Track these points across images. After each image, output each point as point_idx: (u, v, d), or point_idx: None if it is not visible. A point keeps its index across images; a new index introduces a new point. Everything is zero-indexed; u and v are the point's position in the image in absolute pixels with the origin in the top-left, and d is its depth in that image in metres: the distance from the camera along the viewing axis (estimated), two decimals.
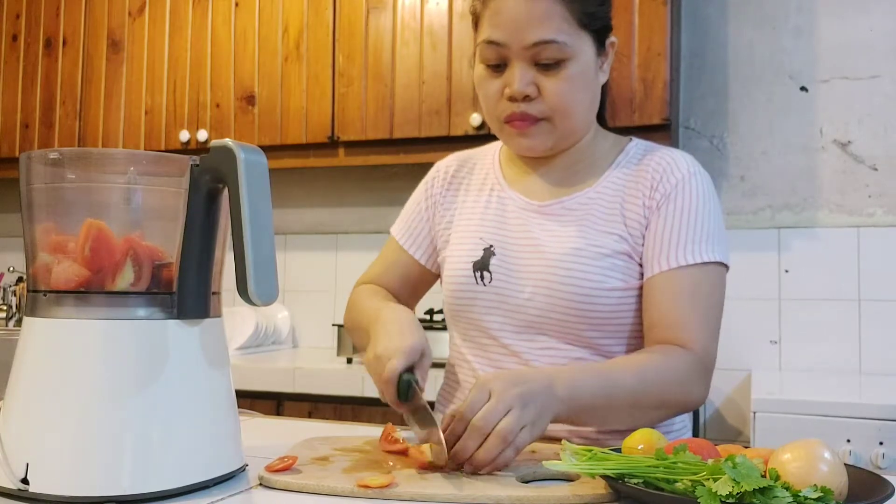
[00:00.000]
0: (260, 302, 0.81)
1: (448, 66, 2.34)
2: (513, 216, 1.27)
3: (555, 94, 1.17)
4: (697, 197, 1.20)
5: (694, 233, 1.18)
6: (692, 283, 1.16)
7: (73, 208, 0.86)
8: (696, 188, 1.21)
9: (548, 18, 1.14)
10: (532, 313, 1.20)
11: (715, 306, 1.18)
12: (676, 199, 1.19)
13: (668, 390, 1.11)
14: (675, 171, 1.21)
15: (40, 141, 2.81)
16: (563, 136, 1.23)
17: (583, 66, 1.18)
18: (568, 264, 1.18)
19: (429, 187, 1.39)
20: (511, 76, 1.17)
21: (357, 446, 1.04)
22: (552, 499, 0.82)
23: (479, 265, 1.25)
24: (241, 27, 2.58)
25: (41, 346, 0.82)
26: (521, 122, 1.19)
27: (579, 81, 1.19)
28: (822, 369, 2.33)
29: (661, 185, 1.20)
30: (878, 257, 2.31)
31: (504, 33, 1.16)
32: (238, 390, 0.93)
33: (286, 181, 2.85)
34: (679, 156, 1.25)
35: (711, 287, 1.18)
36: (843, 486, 0.74)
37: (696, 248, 1.17)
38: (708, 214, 1.20)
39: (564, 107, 1.19)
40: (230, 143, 0.82)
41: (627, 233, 1.20)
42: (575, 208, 1.23)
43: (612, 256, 1.18)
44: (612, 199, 1.22)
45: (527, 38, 1.15)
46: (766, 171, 2.43)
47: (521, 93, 1.17)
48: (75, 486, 0.77)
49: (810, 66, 2.40)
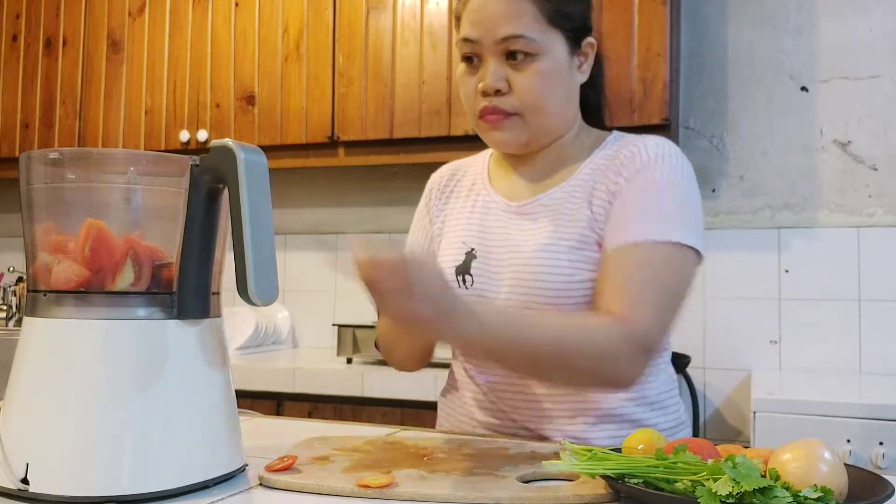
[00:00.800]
0: (260, 302, 0.82)
1: (448, 66, 2.34)
2: (493, 219, 1.28)
3: (524, 88, 1.19)
4: (663, 178, 1.18)
5: (654, 212, 1.16)
6: (646, 259, 1.13)
7: (73, 208, 0.86)
8: (663, 168, 1.19)
9: (518, 15, 1.18)
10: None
11: (669, 287, 1.13)
12: (640, 179, 1.18)
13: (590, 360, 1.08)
14: (642, 151, 1.20)
15: (40, 141, 2.81)
16: (537, 133, 1.24)
17: (553, 64, 1.20)
18: (539, 260, 1.19)
19: (427, 200, 1.42)
20: (484, 71, 1.21)
21: (357, 446, 1.04)
22: (552, 499, 0.82)
23: (462, 269, 1.26)
24: (241, 27, 2.58)
25: (41, 346, 0.82)
26: (492, 116, 1.21)
27: (550, 78, 1.20)
28: (822, 369, 2.33)
29: (628, 166, 1.20)
30: (878, 257, 2.31)
31: (477, 30, 1.19)
32: (238, 390, 0.93)
33: (286, 181, 2.85)
34: (652, 139, 1.23)
35: (666, 267, 1.13)
36: (843, 486, 0.74)
37: (652, 227, 1.14)
38: (673, 195, 1.18)
39: (534, 102, 1.20)
40: (230, 143, 0.82)
41: (593, 218, 1.19)
42: (549, 204, 1.24)
43: (582, 248, 1.18)
44: (583, 188, 1.23)
45: (497, 33, 1.18)
46: (765, 171, 2.43)
47: (491, 87, 1.19)
48: (75, 486, 0.77)
49: (810, 66, 2.40)
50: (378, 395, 2.11)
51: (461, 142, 2.28)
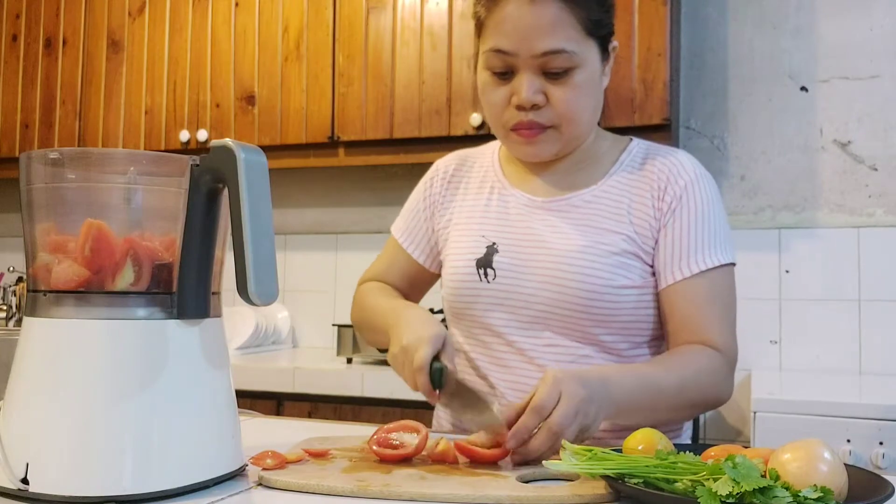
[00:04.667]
0: (260, 302, 0.81)
1: (448, 66, 2.34)
2: (515, 213, 1.27)
3: (563, 101, 1.17)
4: (706, 200, 1.22)
5: (707, 237, 1.20)
6: (710, 286, 1.19)
7: (73, 208, 0.86)
8: (704, 191, 1.23)
9: (556, 27, 1.14)
10: (538, 309, 1.20)
11: (731, 305, 1.22)
12: (687, 203, 1.21)
13: (703, 390, 1.15)
14: (682, 173, 1.23)
15: (40, 141, 2.81)
16: (569, 142, 1.24)
17: (589, 73, 1.19)
18: (576, 261, 1.19)
19: (428, 187, 1.40)
20: (519, 85, 1.17)
21: (357, 446, 1.04)
22: (552, 499, 0.82)
23: (483, 262, 1.25)
24: (241, 27, 2.58)
25: (41, 346, 0.82)
26: (528, 132, 1.20)
27: (586, 88, 1.19)
28: (822, 369, 2.33)
29: (670, 188, 1.22)
30: (878, 257, 2.31)
31: (512, 42, 1.15)
32: (238, 390, 0.93)
33: (286, 181, 2.85)
34: (684, 157, 1.26)
35: (727, 288, 1.22)
36: (843, 486, 0.74)
37: (710, 253, 1.20)
38: (716, 217, 1.22)
39: (572, 114, 1.19)
40: (230, 143, 0.82)
41: (635, 232, 1.21)
42: (579, 206, 1.24)
43: (620, 255, 1.19)
44: (618, 198, 1.23)
45: (536, 48, 1.14)
46: (766, 170, 2.43)
47: (529, 101, 1.17)
48: (75, 486, 0.77)
49: (810, 66, 2.40)
50: (378, 395, 2.11)
51: (461, 142, 2.28)
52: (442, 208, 1.36)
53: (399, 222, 1.42)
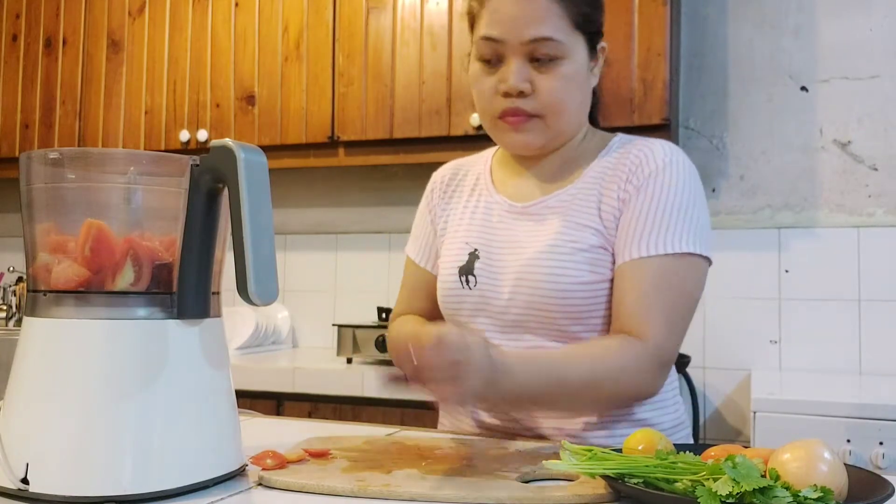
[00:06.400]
0: (260, 302, 0.81)
1: (448, 66, 2.34)
2: (497, 220, 1.28)
3: (548, 91, 1.19)
4: (672, 185, 1.18)
5: (667, 222, 1.16)
6: (660, 274, 1.15)
7: (73, 208, 0.86)
8: (672, 177, 1.19)
9: (545, 16, 1.17)
10: (515, 313, 1.21)
11: (684, 299, 1.16)
12: (650, 187, 1.18)
13: (619, 384, 1.12)
14: (650, 160, 1.20)
15: (40, 141, 2.81)
16: (555, 135, 1.24)
17: (576, 67, 1.20)
18: (544, 261, 1.18)
19: (428, 201, 1.41)
20: (507, 71, 1.19)
21: (357, 446, 1.04)
22: (552, 499, 0.82)
23: (465, 269, 1.26)
24: (241, 27, 2.58)
25: (41, 346, 0.82)
26: (514, 118, 1.21)
27: (572, 81, 1.20)
28: (822, 369, 2.33)
29: (637, 174, 1.20)
30: (878, 257, 2.31)
31: (502, 29, 1.18)
32: (238, 390, 0.93)
33: (286, 181, 2.85)
34: (659, 145, 1.23)
35: (682, 280, 1.16)
36: (843, 486, 0.74)
37: (666, 239, 1.15)
38: (684, 204, 1.18)
39: (557, 105, 1.20)
40: (230, 142, 0.82)
41: (602, 225, 1.20)
42: (555, 206, 1.24)
43: (588, 251, 1.18)
44: (590, 192, 1.23)
45: (524, 34, 1.17)
46: (765, 170, 2.43)
47: (515, 88, 1.18)
48: (75, 486, 0.77)
49: (810, 66, 2.40)
50: (378, 395, 2.11)
51: (461, 142, 2.28)
52: (439, 219, 1.37)
53: (411, 244, 1.42)
